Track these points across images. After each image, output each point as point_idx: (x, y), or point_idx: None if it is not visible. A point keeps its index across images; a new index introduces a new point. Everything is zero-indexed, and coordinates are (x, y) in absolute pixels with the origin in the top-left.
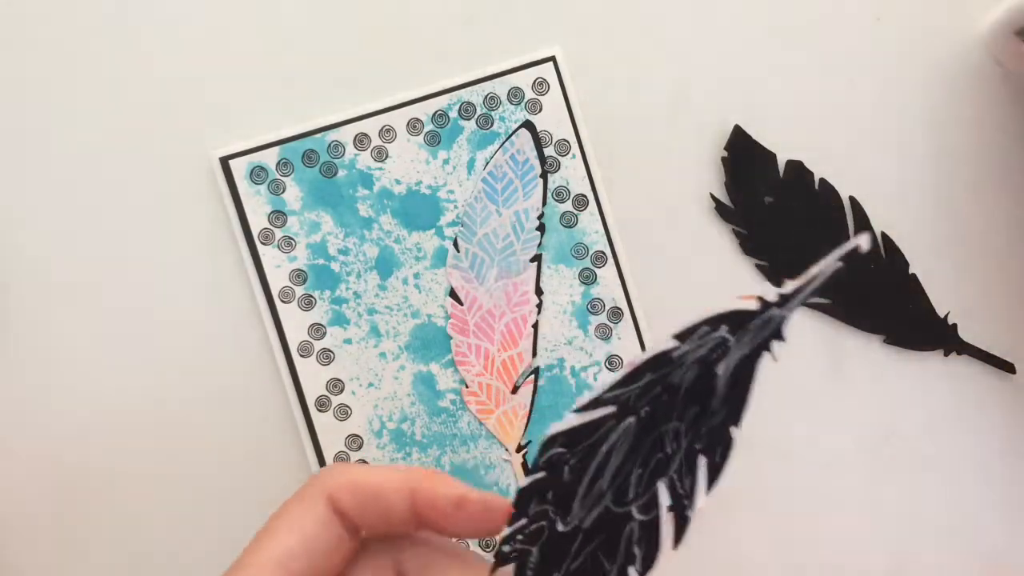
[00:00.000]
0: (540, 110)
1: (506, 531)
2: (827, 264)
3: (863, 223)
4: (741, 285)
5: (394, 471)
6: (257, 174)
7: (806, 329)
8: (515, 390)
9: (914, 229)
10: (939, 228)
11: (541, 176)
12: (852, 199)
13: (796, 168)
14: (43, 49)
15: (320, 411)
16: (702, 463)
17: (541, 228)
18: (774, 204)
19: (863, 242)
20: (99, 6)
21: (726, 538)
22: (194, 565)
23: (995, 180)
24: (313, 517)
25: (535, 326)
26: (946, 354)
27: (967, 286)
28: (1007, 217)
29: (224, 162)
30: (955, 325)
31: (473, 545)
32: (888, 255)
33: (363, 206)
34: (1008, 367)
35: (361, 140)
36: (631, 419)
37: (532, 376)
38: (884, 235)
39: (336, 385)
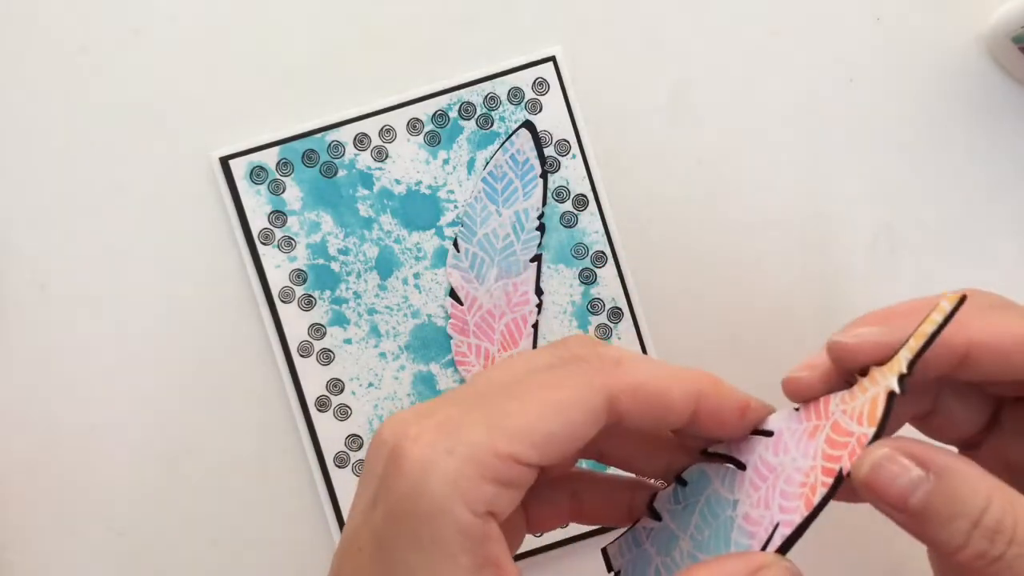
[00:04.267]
0: (540, 110)
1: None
2: None
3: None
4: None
5: (677, 374)
6: (257, 174)
7: None
8: None
9: (914, 229)
10: (939, 228)
11: (541, 176)
12: None
13: None
14: (43, 49)
15: (320, 411)
16: None
17: (541, 228)
18: None
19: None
20: (99, 6)
21: None
22: (194, 564)
23: (995, 180)
24: (586, 413)
25: (535, 326)
26: None
27: (966, 285)
28: (1007, 217)
29: (224, 162)
30: None
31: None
32: None
33: (363, 206)
34: None
35: (361, 140)
36: None
37: None
38: None
39: (336, 385)
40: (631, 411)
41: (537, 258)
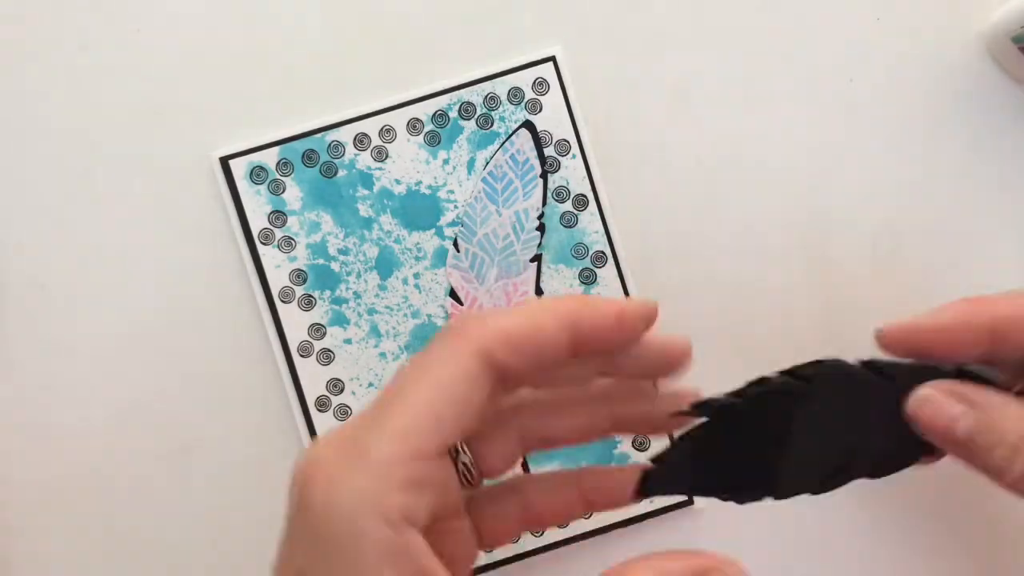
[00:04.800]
0: (540, 110)
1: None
2: None
3: None
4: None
5: (546, 310)
6: (257, 174)
7: None
8: None
9: (914, 229)
10: (939, 228)
11: (541, 176)
12: None
13: None
14: (43, 49)
15: (320, 411)
16: None
17: (541, 228)
18: None
19: None
20: (99, 6)
21: None
22: (194, 564)
23: (995, 180)
24: (464, 376)
25: None
26: None
27: (966, 285)
28: (1007, 217)
29: (224, 162)
30: None
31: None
32: None
33: (363, 206)
34: None
35: (361, 140)
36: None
37: None
38: None
39: (336, 385)
40: (508, 359)
41: (537, 258)
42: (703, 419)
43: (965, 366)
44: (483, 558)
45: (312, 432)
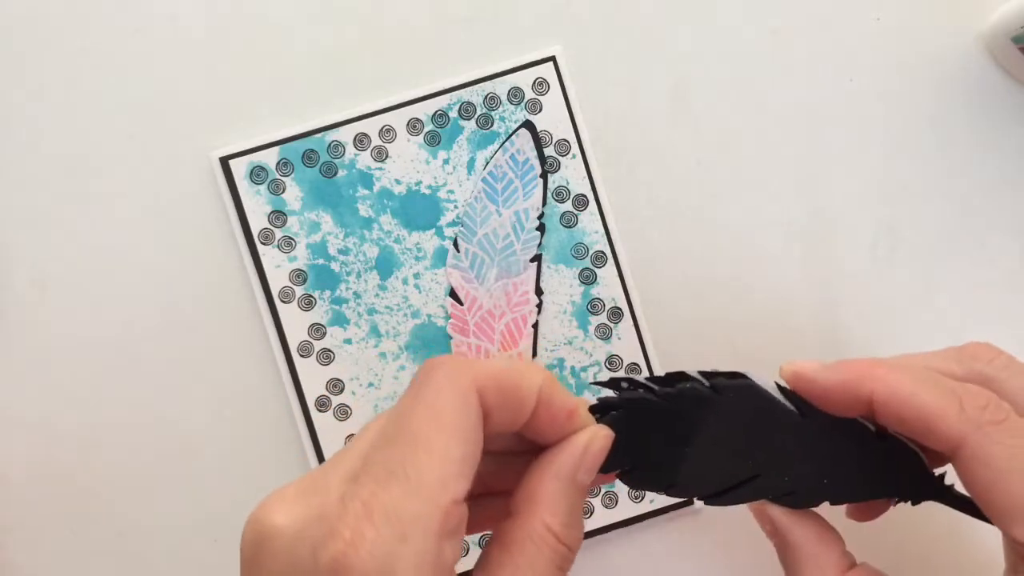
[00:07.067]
0: (540, 110)
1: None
2: None
3: None
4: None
5: (520, 365)
6: (257, 174)
7: None
8: None
9: (914, 229)
10: (939, 228)
11: (541, 176)
12: None
13: None
14: (43, 49)
15: (320, 411)
16: None
17: (541, 228)
18: None
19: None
20: (99, 6)
21: None
22: (194, 564)
23: (995, 179)
24: (471, 416)
25: (535, 326)
26: None
27: (966, 285)
28: (1007, 217)
29: (224, 162)
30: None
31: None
32: None
33: (363, 206)
34: None
35: (361, 140)
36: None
37: None
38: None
39: (336, 385)
40: (495, 402)
41: (537, 258)
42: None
43: (887, 431)
44: None
45: (312, 432)
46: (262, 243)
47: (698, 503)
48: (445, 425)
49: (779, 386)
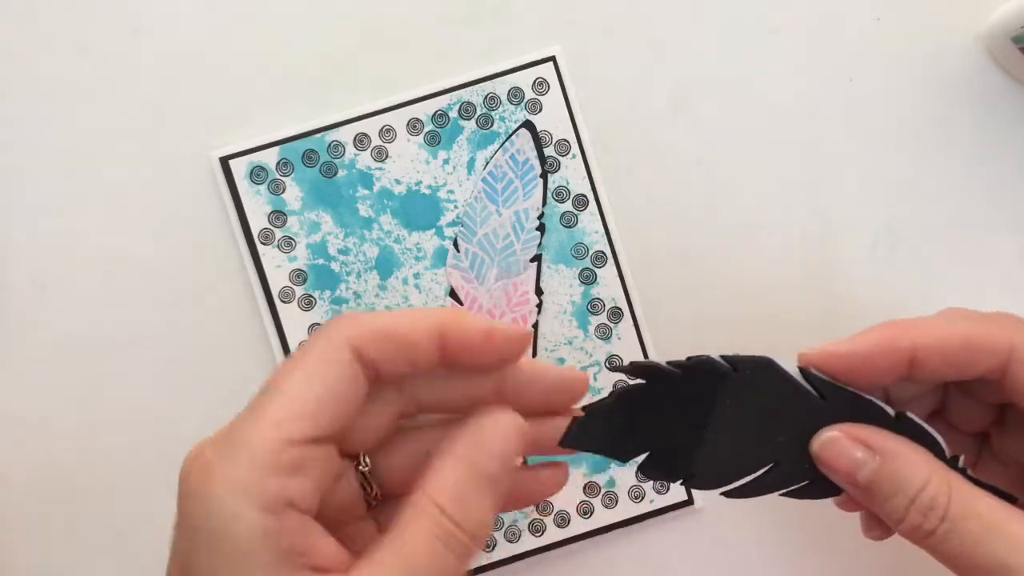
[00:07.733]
0: (540, 110)
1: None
2: None
3: None
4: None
5: (417, 315)
6: (257, 174)
7: None
8: None
9: (914, 229)
10: (939, 228)
11: (541, 176)
12: None
13: None
14: (43, 49)
15: None
16: None
17: (541, 228)
18: None
19: None
20: (99, 6)
21: None
22: None
23: (995, 180)
24: (336, 366)
25: (535, 326)
26: None
27: (965, 285)
28: (1007, 217)
29: (224, 162)
30: None
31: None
32: None
33: (363, 206)
34: None
35: (361, 140)
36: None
37: None
38: None
39: None
40: (379, 356)
41: (537, 258)
42: (638, 381)
43: (905, 414)
44: (483, 558)
45: None
46: (262, 243)
47: (699, 503)
48: (301, 373)
49: (799, 368)
